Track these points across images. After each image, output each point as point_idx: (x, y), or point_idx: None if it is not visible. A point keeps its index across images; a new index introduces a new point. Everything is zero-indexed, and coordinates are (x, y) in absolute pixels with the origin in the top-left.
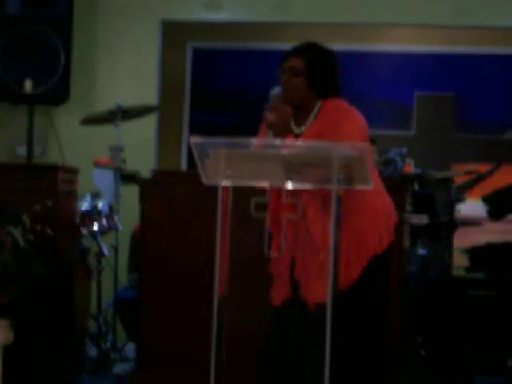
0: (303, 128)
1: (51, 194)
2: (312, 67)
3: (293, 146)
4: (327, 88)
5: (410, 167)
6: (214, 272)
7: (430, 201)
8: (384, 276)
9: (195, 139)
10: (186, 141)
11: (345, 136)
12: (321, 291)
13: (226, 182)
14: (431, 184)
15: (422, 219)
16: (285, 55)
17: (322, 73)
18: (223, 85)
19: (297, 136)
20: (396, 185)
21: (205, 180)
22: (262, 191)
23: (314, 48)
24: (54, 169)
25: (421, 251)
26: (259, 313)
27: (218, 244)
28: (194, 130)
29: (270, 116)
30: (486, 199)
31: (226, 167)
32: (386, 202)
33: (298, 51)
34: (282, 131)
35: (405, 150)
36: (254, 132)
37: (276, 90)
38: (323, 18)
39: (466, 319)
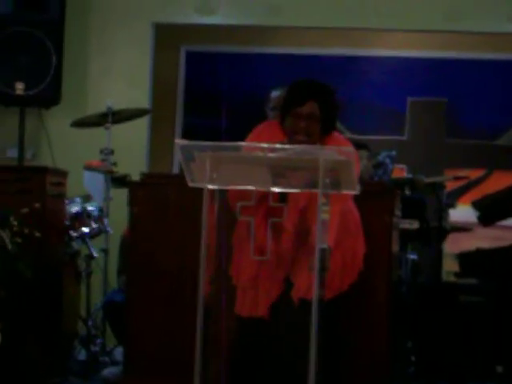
0: None
1: (40, 197)
2: (325, 111)
3: (279, 149)
4: (333, 127)
5: (402, 172)
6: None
7: (420, 206)
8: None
9: (181, 142)
10: None
11: None
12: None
13: (211, 186)
14: (421, 189)
15: (412, 224)
16: (296, 99)
17: (333, 115)
18: (216, 88)
19: None
20: (386, 189)
21: (190, 183)
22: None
23: (324, 90)
24: (42, 171)
25: (411, 256)
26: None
27: (202, 246)
28: (187, 133)
29: None
30: (476, 205)
31: (211, 171)
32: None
33: (312, 96)
34: None
35: (394, 152)
36: (245, 135)
37: (276, 93)
38: (316, 23)
39: (457, 325)
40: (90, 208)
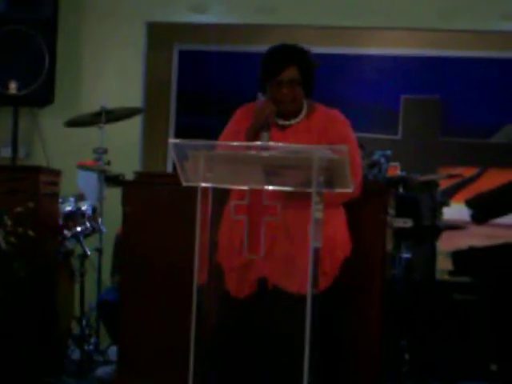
0: (292, 122)
1: (33, 196)
2: (305, 74)
3: (273, 147)
4: (312, 88)
5: (395, 170)
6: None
7: (413, 204)
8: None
9: (174, 141)
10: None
11: (352, 144)
12: (297, 283)
13: (205, 185)
14: (415, 187)
15: (405, 223)
16: (275, 67)
17: (312, 77)
18: (209, 87)
19: (284, 127)
20: (380, 188)
21: (184, 182)
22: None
23: (302, 53)
24: (35, 170)
25: (405, 255)
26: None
27: (196, 245)
28: (181, 132)
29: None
30: (470, 203)
31: (205, 169)
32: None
33: (291, 61)
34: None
35: (389, 151)
36: None
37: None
38: (309, 21)
39: (450, 323)
40: (83, 207)
